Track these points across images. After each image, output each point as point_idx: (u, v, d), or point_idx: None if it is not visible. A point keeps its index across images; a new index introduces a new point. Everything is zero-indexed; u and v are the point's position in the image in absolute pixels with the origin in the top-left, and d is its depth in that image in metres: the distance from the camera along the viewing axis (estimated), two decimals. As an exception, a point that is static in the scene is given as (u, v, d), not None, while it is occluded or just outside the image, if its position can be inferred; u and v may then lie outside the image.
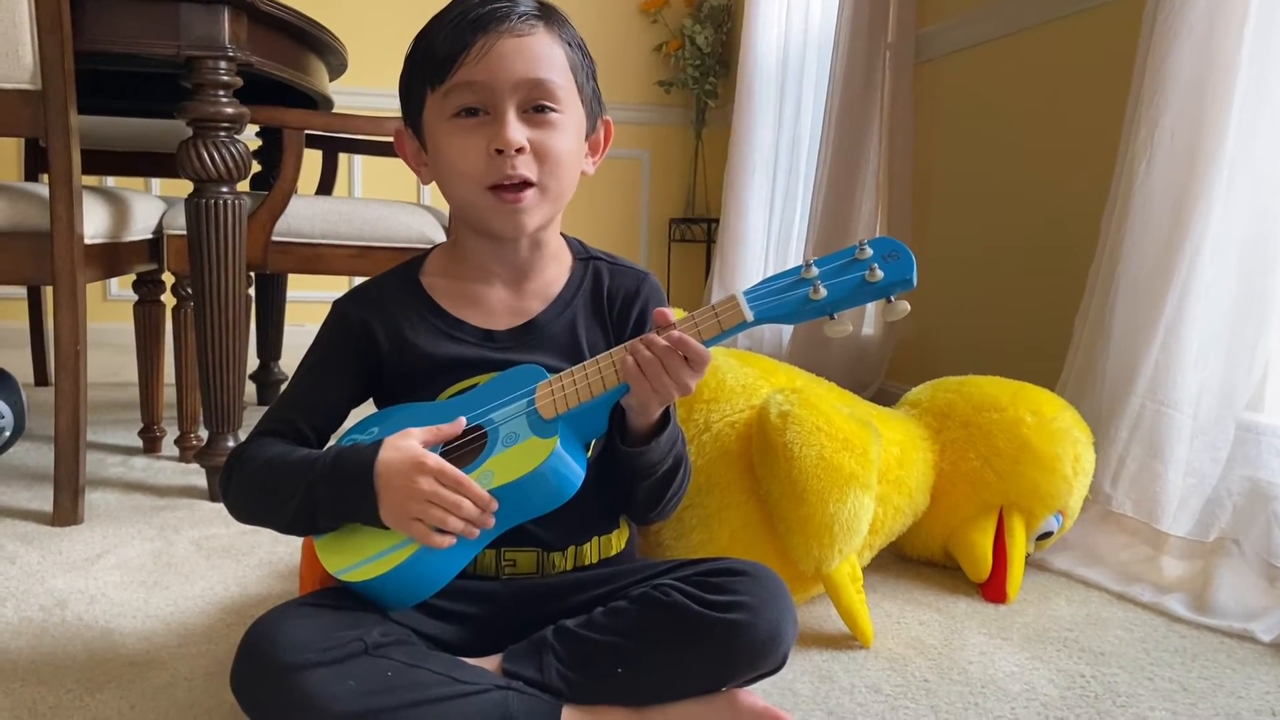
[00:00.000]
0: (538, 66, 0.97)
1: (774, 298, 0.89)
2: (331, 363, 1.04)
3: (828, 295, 0.87)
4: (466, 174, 0.97)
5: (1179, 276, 1.53)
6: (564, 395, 0.92)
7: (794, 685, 1.13)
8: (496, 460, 0.91)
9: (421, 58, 0.99)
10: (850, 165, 2.82)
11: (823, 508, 1.20)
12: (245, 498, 0.99)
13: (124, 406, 2.53)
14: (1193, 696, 1.13)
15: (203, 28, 1.65)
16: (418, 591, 0.92)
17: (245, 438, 1.02)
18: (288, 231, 1.93)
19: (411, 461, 0.89)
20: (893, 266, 0.87)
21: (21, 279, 1.66)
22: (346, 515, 0.92)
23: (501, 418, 0.94)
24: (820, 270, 0.88)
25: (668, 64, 4.23)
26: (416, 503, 0.87)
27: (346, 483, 0.90)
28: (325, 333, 1.06)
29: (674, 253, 4.34)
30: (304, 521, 0.94)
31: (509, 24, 0.95)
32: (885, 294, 0.87)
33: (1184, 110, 1.53)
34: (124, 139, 2.63)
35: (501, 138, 0.95)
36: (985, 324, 2.39)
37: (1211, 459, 1.51)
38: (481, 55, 0.94)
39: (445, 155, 0.98)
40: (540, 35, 0.98)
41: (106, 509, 1.71)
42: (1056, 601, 1.42)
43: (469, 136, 0.96)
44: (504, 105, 0.95)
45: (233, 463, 1.00)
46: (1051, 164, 2.15)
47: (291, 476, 0.93)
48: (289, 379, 1.07)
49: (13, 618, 1.26)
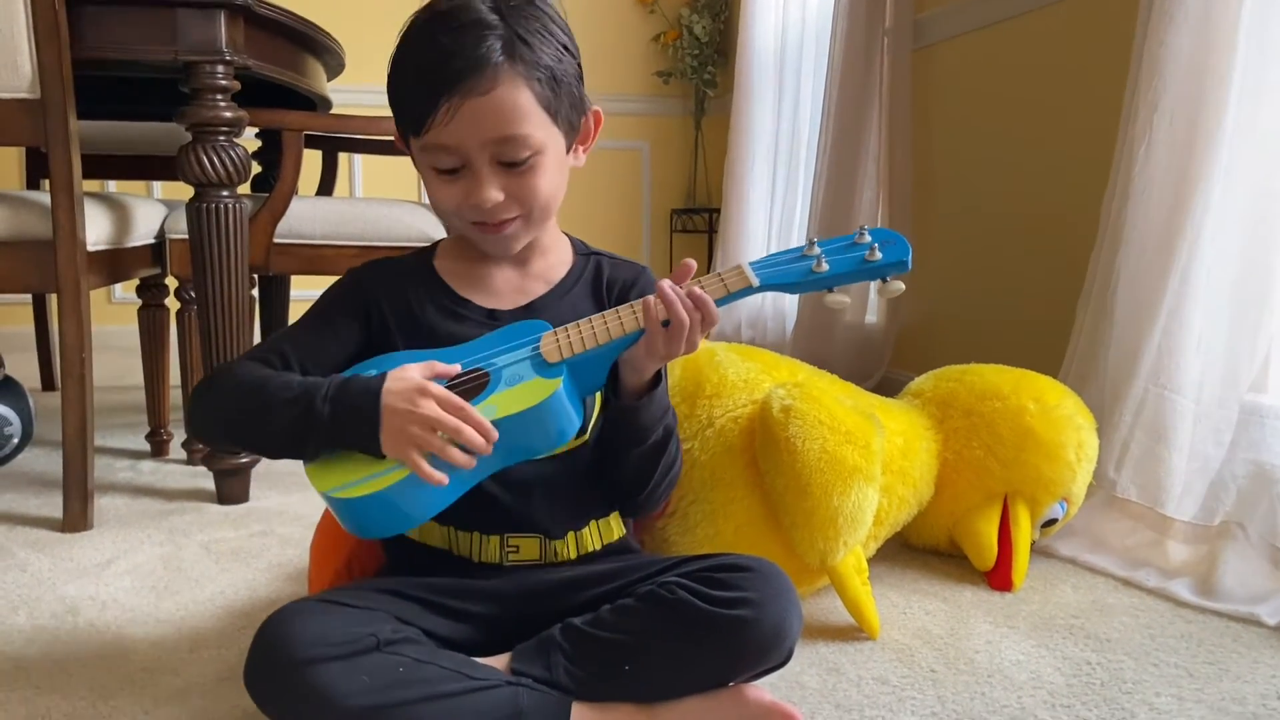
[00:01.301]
0: (505, 124, 0.96)
1: (778, 267, 0.95)
2: (336, 318, 1.05)
3: (829, 270, 0.94)
4: (451, 213, 1.01)
5: (1180, 260, 1.53)
6: (569, 341, 0.95)
7: (801, 678, 1.13)
8: (499, 397, 0.93)
9: (395, 102, 1.00)
10: (850, 152, 2.81)
11: (827, 501, 1.21)
12: (228, 410, 0.99)
13: (131, 410, 2.54)
14: (1198, 682, 1.14)
15: (199, 32, 1.65)
16: (405, 518, 0.93)
17: (232, 359, 1.03)
18: (289, 233, 1.93)
19: (415, 386, 0.90)
20: (890, 249, 0.94)
21: (25, 287, 1.67)
22: (345, 439, 0.92)
23: (504, 361, 0.96)
24: (823, 249, 0.95)
25: (666, 54, 4.23)
26: (417, 427, 0.88)
27: (350, 405, 0.91)
28: (333, 292, 1.08)
29: (676, 243, 4.34)
30: (294, 441, 0.93)
31: (469, 82, 0.94)
32: (882, 273, 0.95)
33: (1182, 93, 1.53)
34: (125, 143, 2.64)
35: (477, 195, 0.98)
36: (987, 311, 2.39)
37: (1215, 442, 1.52)
38: (449, 119, 0.95)
39: (430, 193, 1.02)
40: (504, 86, 0.95)
41: (116, 514, 1.72)
42: (1062, 588, 1.42)
43: (449, 187, 0.99)
44: (478, 163, 0.97)
45: (216, 375, 1.01)
46: (1051, 149, 2.15)
47: (289, 395, 0.94)
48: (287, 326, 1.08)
49: (26, 625, 1.27)
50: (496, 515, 1.00)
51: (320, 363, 1.02)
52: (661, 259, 4.36)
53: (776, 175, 3.58)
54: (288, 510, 1.74)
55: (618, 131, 4.21)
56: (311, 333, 1.05)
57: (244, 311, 1.78)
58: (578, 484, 1.02)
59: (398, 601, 0.96)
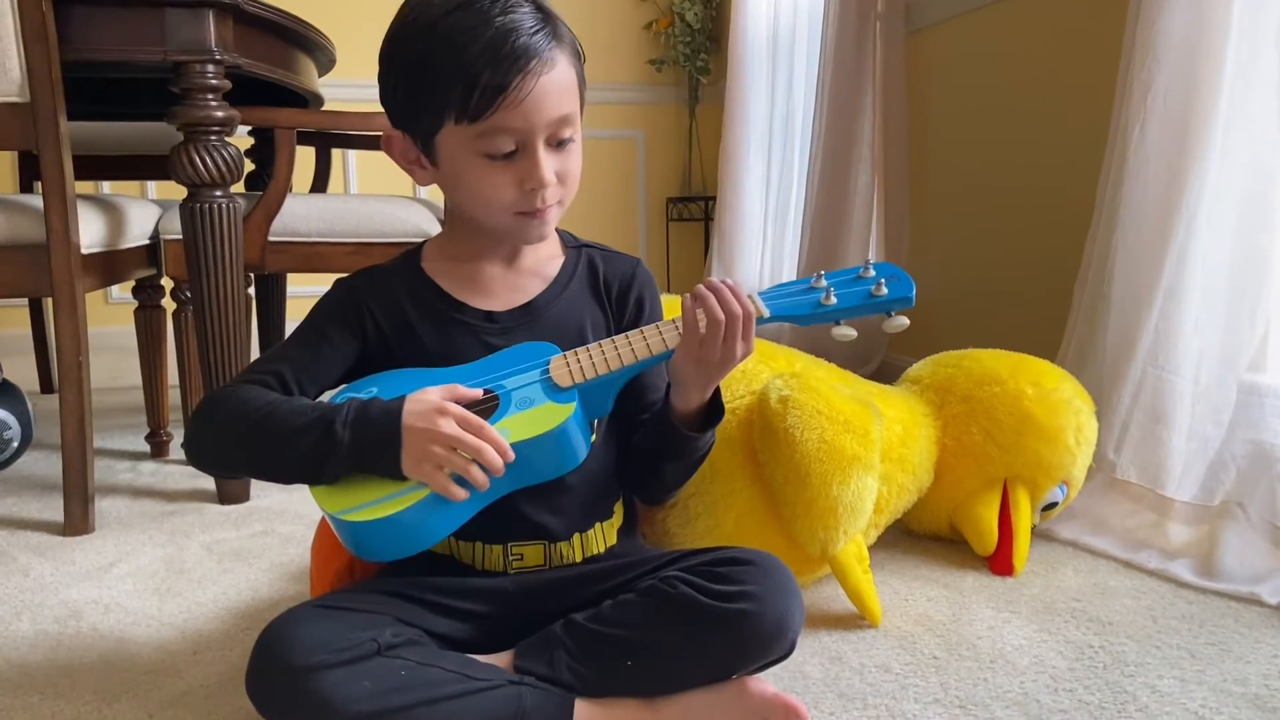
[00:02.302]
0: (565, 101, 0.96)
1: (787, 298, 0.99)
2: (328, 331, 1.03)
3: (838, 303, 0.98)
4: (495, 204, 0.98)
5: (1176, 241, 1.52)
6: (580, 367, 0.95)
7: (804, 668, 1.14)
8: (511, 420, 0.93)
9: (440, 83, 0.93)
10: (845, 137, 2.81)
11: (826, 490, 1.21)
12: (231, 437, 0.96)
13: (130, 411, 2.54)
14: (1200, 663, 1.14)
15: (188, 32, 1.65)
16: (414, 542, 0.92)
17: (228, 382, 1.00)
18: (284, 231, 1.93)
19: (435, 407, 0.90)
20: (895, 285, 0.98)
21: (20, 291, 1.66)
22: (365, 461, 0.91)
23: (513, 384, 0.96)
24: (830, 281, 0.99)
25: (658, 42, 4.21)
26: (440, 447, 0.88)
27: (372, 428, 0.90)
28: (325, 304, 1.06)
29: (672, 232, 4.34)
30: (311, 468, 0.92)
31: (543, 58, 0.93)
32: (888, 308, 0.99)
33: (1176, 72, 1.52)
34: (118, 143, 2.63)
35: (537, 178, 0.96)
36: (984, 294, 2.39)
37: (1214, 422, 1.52)
38: (519, 100, 0.92)
39: (471, 186, 0.98)
40: (562, 63, 0.96)
41: (117, 516, 1.73)
42: (1063, 572, 1.43)
43: (501, 174, 0.97)
44: (536, 144, 0.96)
45: (216, 402, 0.97)
46: (1046, 131, 2.14)
47: (303, 421, 0.92)
48: (280, 342, 1.07)
49: (29, 631, 1.27)
50: (500, 525, 0.99)
51: (318, 380, 1.02)
52: (658, 248, 4.35)
53: (771, 161, 3.58)
54: (288, 509, 1.74)
55: (612, 121, 4.20)
56: (306, 349, 1.03)
57: (240, 311, 1.78)
58: (584, 489, 1.01)
59: (399, 603, 0.96)
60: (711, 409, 1.03)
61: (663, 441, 1.03)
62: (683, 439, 1.02)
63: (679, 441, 1.02)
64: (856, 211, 2.79)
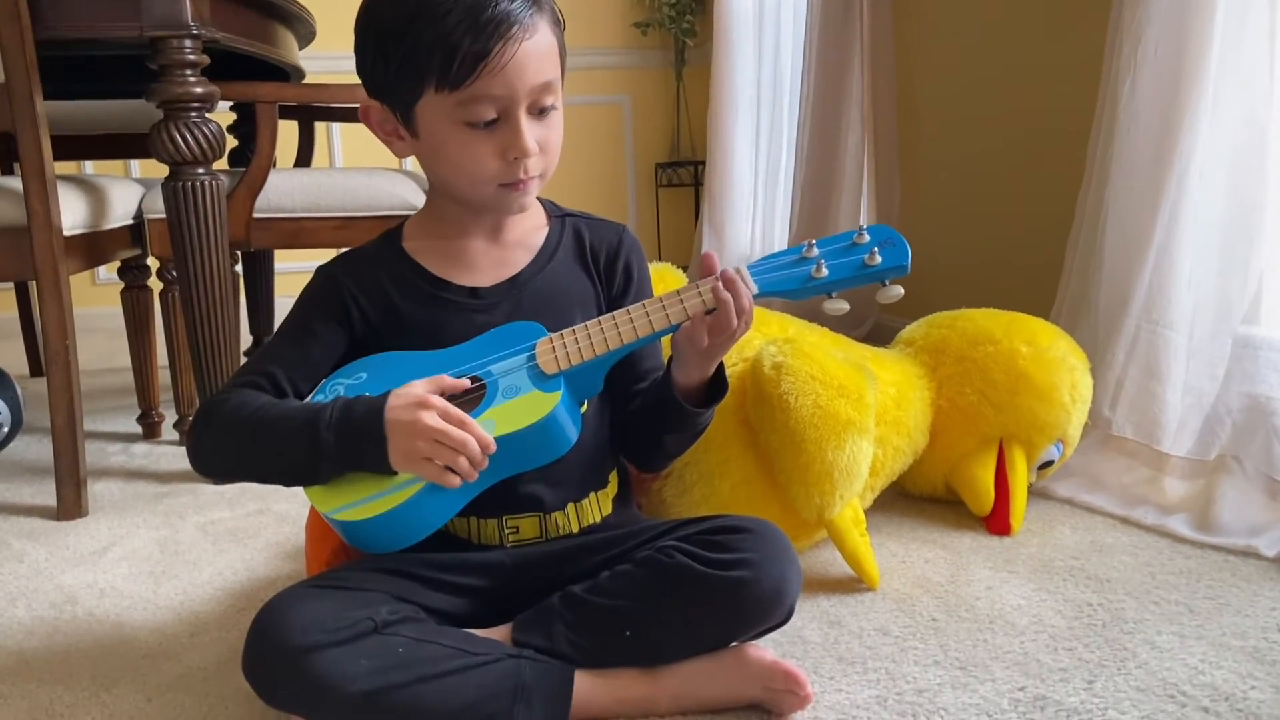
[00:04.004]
0: (546, 68, 0.95)
1: (777, 272, 0.95)
2: (315, 324, 1.03)
3: (829, 275, 0.94)
4: (478, 176, 0.97)
5: (1168, 195, 1.51)
6: (566, 352, 0.94)
7: (803, 633, 1.13)
8: (497, 410, 0.92)
9: (419, 51, 0.91)
10: (834, 97, 2.78)
11: (821, 455, 1.20)
12: (228, 446, 0.97)
13: (121, 392, 2.52)
14: (1199, 618, 1.14)
15: (164, 6, 1.62)
16: (406, 535, 0.92)
17: (221, 390, 1.00)
18: (268, 207, 1.91)
19: (416, 400, 0.89)
20: (889, 253, 0.94)
21: (3, 276, 1.65)
22: (354, 461, 0.91)
23: (500, 370, 0.95)
24: (821, 251, 0.95)
25: (643, 5, 4.16)
26: (425, 440, 0.88)
27: (357, 427, 0.90)
28: (308, 296, 1.05)
29: (662, 198, 4.31)
30: (304, 470, 0.92)
31: (524, 23, 0.91)
32: (882, 278, 0.95)
33: (1166, 24, 1.50)
34: (98, 122, 2.59)
35: (519, 146, 0.94)
36: (977, 253, 2.38)
37: (1209, 376, 1.51)
38: (500, 66, 0.91)
39: (452, 157, 0.97)
40: (543, 29, 0.94)
41: (110, 499, 1.72)
42: (1061, 530, 1.43)
43: (483, 144, 0.95)
44: (518, 113, 0.94)
45: (209, 411, 0.98)
46: (1036, 88, 2.12)
47: (291, 426, 0.92)
48: (269, 338, 1.06)
49: (25, 617, 1.26)
50: (494, 498, 0.98)
51: (310, 375, 1.01)
52: (648, 214, 4.32)
53: (760, 124, 3.54)
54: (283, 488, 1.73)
55: (597, 85, 4.16)
56: (295, 346, 1.02)
57: (227, 289, 1.76)
58: (578, 460, 1.01)
59: (395, 580, 0.95)
60: (715, 383, 1.02)
61: (665, 414, 1.03)
62: (686, 413, 1.01)
63: (682, 416, 1.02)
64: (847, 173, 2.77)
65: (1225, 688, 0.99)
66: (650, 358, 1.09)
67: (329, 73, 2.65)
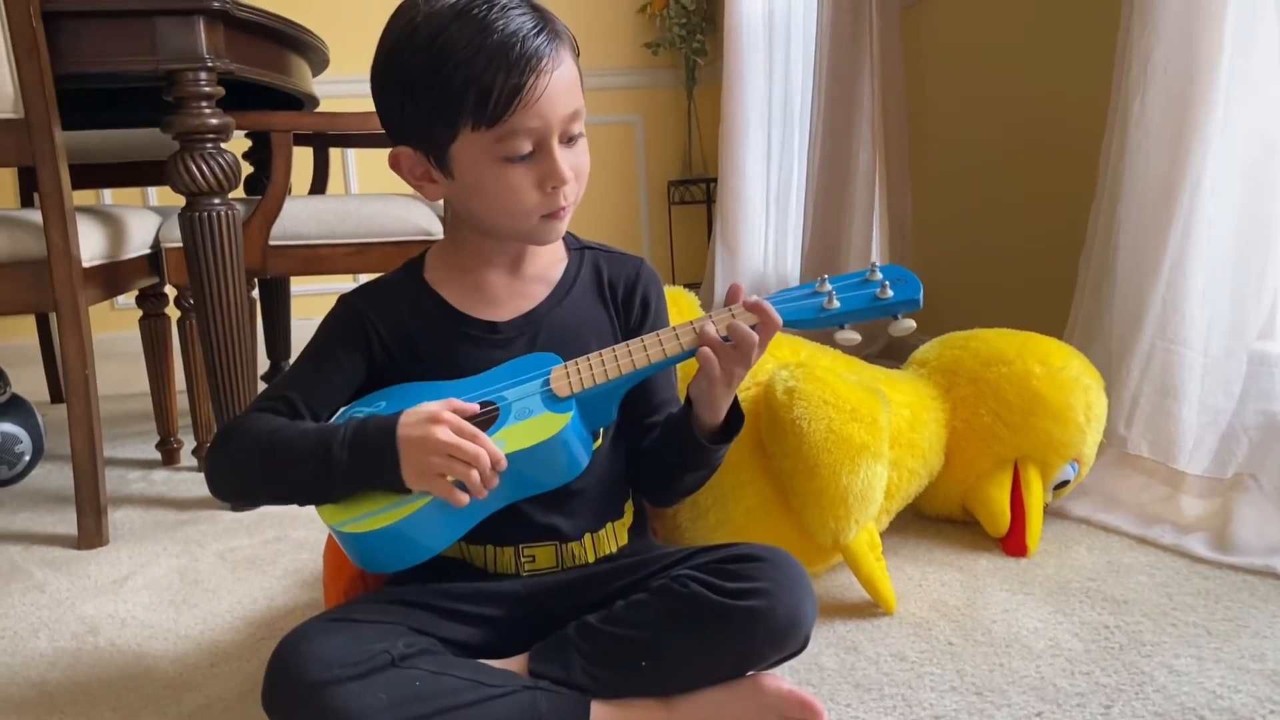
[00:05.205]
0: (574, 97, 0.96)
1: (789, 303, 0.97)
2: (335, 352, 1.04)
3: (841, 307, 0.96)
4: (518, 209, 0.98)
5: (1181, 212, 1.51)
6: (580, 376, 0.95)
7: (819, 659, 1.14)
8: (508, 431, 0.93)
9: (451, 93, 0.92)
10: (844, 114, 2.79)
11: (835, 480, 1.20)
12: (244, 466, 0.98)
13: (139, 418, 2.54)
14: (1217, 640, 1.13)
15: (179, 40, 1.64)
16: (415, 551, 0.93)
17: (240, 414, 1.02)
18: (284, 234, 1.93)
19: (429, 415, 0.90)
20: (902, 288, 0.95)
21: (24, 308, 1.67)
22: (368, 479, 0.92)
23: (514, 395, 0.96)
24: (835, 286, 0.97)
25: (653, 25, 4.18)
26: (437, 456, 0.88)
27: (370, 445, 0.91)
28: (329, 324, 1.06)
29: (674, 215, 4.32)
30: (318, 487, 0.93)
31: (553, 56, 0.93)
32: (893, 311, 0.96)
33: (1176, 42, 1.50)
34: (116, 151, 2.63)
35: (557, 175, 0.96)
36: (989, 271, 2.38)
37: (1225, 394, 1.51)
38: (534, 99, 0.92)
39: (491, 193, 0.98)
40: (567, 59, 0.96)
41: (130, 527, 1.73)
42: (1077, 550, 1.42)
43: (522, 178, 0.96)
44: (551, 142, 0.95)
45: (227, 434, 0.99)
46: (1046, 104, 2.12)
47: (306, 445, 0.93)
48: (289, 365, 1.08)
49: (47, 649, 1.28)
50: (510, 527, 0.98)
51: (328, 403, 1.02)
52: (660, 233, 4.34)
53: (772, 141, 3.56)
54: (300, 514, 1.74)
55: (609, 106, 4.18)
56: (314, 373, 1.03)
57: (244, 316, 1.78)
58: (593, 491, 1.02)
59: (411, 611, 0.96)
60: (731, 419, 1.02)
61: (682, 451, 1.03)
62: (703, 449, 1.02)
63: (699, 452, 1.02)
64: (859, 189, 2.78)
65: (1244, 712, 0.98)
66: (664, 390, 1.09)
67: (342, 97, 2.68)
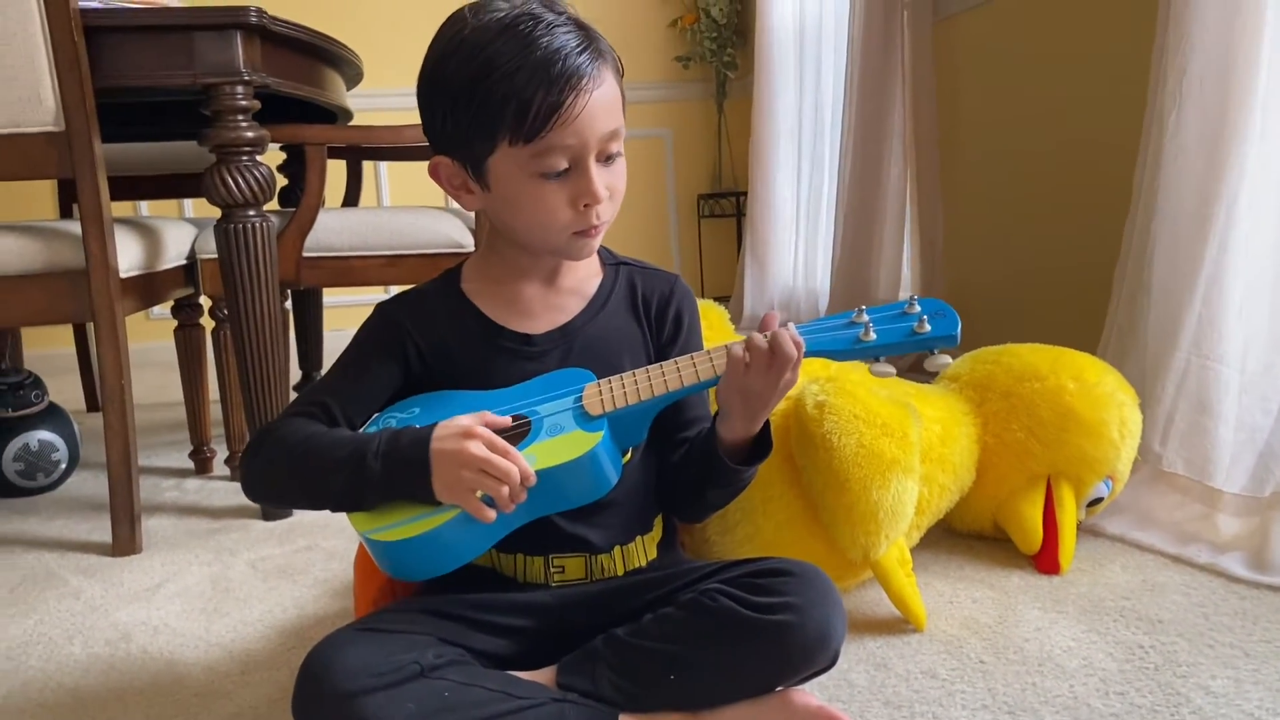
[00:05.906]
0: (613, 116, 0.97)
1: (825, 333, 0.96)
2: (371, 360, 1.05)
3: (877, 339, 0.95)
4: (551, 225, 0.98)
5: (1217, 227, 1.49)
6: (612, 396, 0.95)
7: (849, 676, 1.13)
8: (539, 447, 0.94)
9: (492, 106, 0.93)
10: (876, 128, 2.78)
11: (866, 495, 1.20)
12: (279, 472, 0.99)
13: (173, 427, 2.57)
14: (1255, 661, 1.12)
15: (217, 54, 1.66)
16: (445, 560, 0.93)
17: (277, 417, 1.02)
18: (317, 246, 1.95)
19: (462, 430, 0.91)
20: (939, 323, 0.94)
21: (62, 318, 1.69)
22: (400, 489, 0.92)
23: (546, 410, 0.96)
24: (871, 317, 0.96)
25: (684, 38, 4.20)
26: (469, 470, 0.89)
27: (403, 456, 0.91)
28: (366, 332, 1.07)
29: (704, 228, 4.32)
30: (351, 497, 0.94)
31: (594, 74, 0.93)
32: (930, 346, 0.95)
33: (1212, 57, 1.49)
34: (152, 164, 2.67)
35: (591, 193, 0.96)
36: (1021, 286, 2.36)
37: (1263, 411, 1.49)
38: (573, 117, 0.92)
39: (526, 207, 0.98)
40: (609, 78, 0.96)
41: (163, 535, 1.75)
42: (1111, 568, 1.40)
43: (556, 194, 0.96)
44: (588, 161, 0.96)
45: (263, 438, 1.00)
46: (1079, 118, 2.11)
47: (340, 453, 0.94)
48: (325, 372, 1.09)
49: (81, 655, 1.29)
50: (541, 537, 0.99)
51: (363, 410, 1.03)
52: (690, 246, 4.34)
53: (802, 155, 3.55)
54: (331, 523, 1.75)
55: (640, 120, 4.19)
56: (350, 380, 1.04)
57: (277, 326, 1.80)
58: (623, 505, 1.02)
59: (440, 621, 0.96)
60: (759, 442, 1.02)
61: (708, 471, 1.03)
62: (729, 471, 1.01)
63: (725, 473, 1.02)
64: (890, 203, 2.77)
65: (1283, 735, 0.97)
66: (696, 407, 1.09)
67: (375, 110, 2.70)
